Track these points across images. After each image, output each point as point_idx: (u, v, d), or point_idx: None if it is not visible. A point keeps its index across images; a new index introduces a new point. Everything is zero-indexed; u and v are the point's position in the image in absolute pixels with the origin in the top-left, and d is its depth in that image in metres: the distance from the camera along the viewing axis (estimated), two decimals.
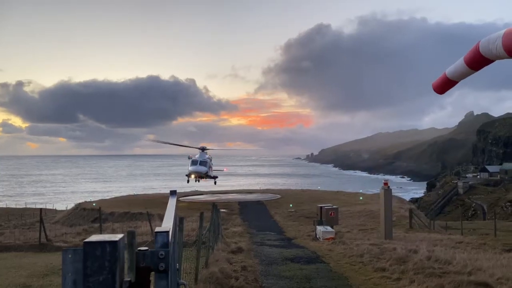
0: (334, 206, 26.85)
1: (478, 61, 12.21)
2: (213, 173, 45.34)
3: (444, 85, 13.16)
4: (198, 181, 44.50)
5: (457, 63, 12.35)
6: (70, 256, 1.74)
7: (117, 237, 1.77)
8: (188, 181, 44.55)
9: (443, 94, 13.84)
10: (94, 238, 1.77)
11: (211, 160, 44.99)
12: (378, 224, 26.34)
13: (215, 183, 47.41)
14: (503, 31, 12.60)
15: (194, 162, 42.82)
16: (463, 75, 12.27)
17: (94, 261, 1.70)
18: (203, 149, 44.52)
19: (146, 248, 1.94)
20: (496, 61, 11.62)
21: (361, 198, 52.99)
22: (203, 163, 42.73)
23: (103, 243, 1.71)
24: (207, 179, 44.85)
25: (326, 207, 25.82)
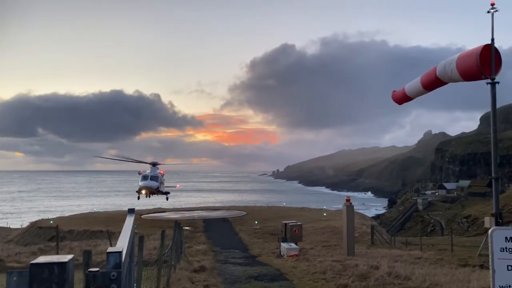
0: (298, 223, 26.97)
1: (433, 83, 12.90)
2: (165, 189, 44.19)
3: (402, 99, 13.99)
4: (149, 197, 43.04)
5: (414, 82, 13.06)
6: (15, 278, 1.66)
7: (66, 258, 1.71)
8: (138, 198, 42.97)
9: (401, 105, 14.74)
10: (42, 259, 1.70)
11: (163, 175, 43.85)
12: (341, 240, 26.67)
13: (167, 199, 46.26)
14: (457, 55, 13.36)
15: (144, 177, 41.48)
16: (418, 94, 13.01)
17: (40, 284, 1.63)
18: (154, 164, 43.30)
19: (97, 269, 1.88)
20: (449, 84, 12.31)
21: (324, 214, 53.56)
22: (154, 178, 41.48)
23: (51, 265, 1.65)
24: (158, 195, 43.58)
25: (290, 224, 25.89)
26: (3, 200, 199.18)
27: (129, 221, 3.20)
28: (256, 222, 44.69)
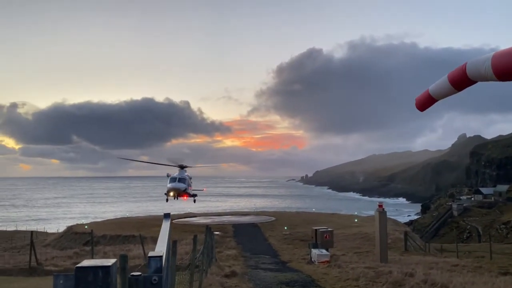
0: (329, 229, 26.66)
1: (463, 82, 12.38)
2: (192, 192, 45.07)
3: (426, 103, 13.39)
4: (177, 199, 43.90)
5: (440, 82, 12.52)
6: (61, 281, 1.70)
7: (110, 262, 1.74)
8: (167, 200, 43.95)
9: (423, 111, 14.09)
10: (86, 263, 1.74)
11: (190, 178, 44.75)
12: (373, 247, 26.16)
13: (194, 201, 47.17)
14: (491, 54, 12.86)
15: (172, 179, 42.39)
16: (445, 94, 12.46)
17: (85, 287, 1.67)
18: (182, 167, 44.18)
19: (139, 273, 1.90)
20: (482, 86, 11.82)
21: (356, 220, 52.75)
22: (182, 180, 42.29)
23: (95, 268, 1.68)
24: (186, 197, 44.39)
25: (321, 230, 25.62)
26: (41, 206, 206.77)
27: (166, 225, 3.23)
28: (285, 228, 44.49)
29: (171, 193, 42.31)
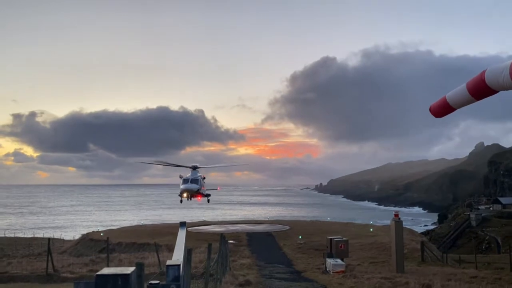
0: (344, 238, 26.41)
1: (482, 91, 12.12)
2: (205, 192, 45.46)
3: (443, 110, 13.08)
4: (190, 199, 44.33)
5: (459, 91, 12.25)
6: None
7: (129, 270, 1.76)
8: (181, 201, 44.43)
9: (441, 118, 13.73)
10: (106, 271, 1.76)
11: (203, 179, 45.20)
12: (389, 257, 25.79)
13: (208, 201, 47.59)
14: (509, 62, 12.61)
15: (185, 180, 42.95)
16: (464, 103, 12.17)
17: None
18: (194, 168, 44.66)
19: (157, 281, 1.92)
20: (500, 93, 11.54)
21: (371, 229, 52.09)
22: (194, 180, 42.79)
23: (115, 277, 1.70)
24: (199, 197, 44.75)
25: (336, 239, 25.40)
26: (57, 213, 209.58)
27: (182, 234, 3.25)
28: (300, 237, 44.18)
29: (185, 194, 42.93)
